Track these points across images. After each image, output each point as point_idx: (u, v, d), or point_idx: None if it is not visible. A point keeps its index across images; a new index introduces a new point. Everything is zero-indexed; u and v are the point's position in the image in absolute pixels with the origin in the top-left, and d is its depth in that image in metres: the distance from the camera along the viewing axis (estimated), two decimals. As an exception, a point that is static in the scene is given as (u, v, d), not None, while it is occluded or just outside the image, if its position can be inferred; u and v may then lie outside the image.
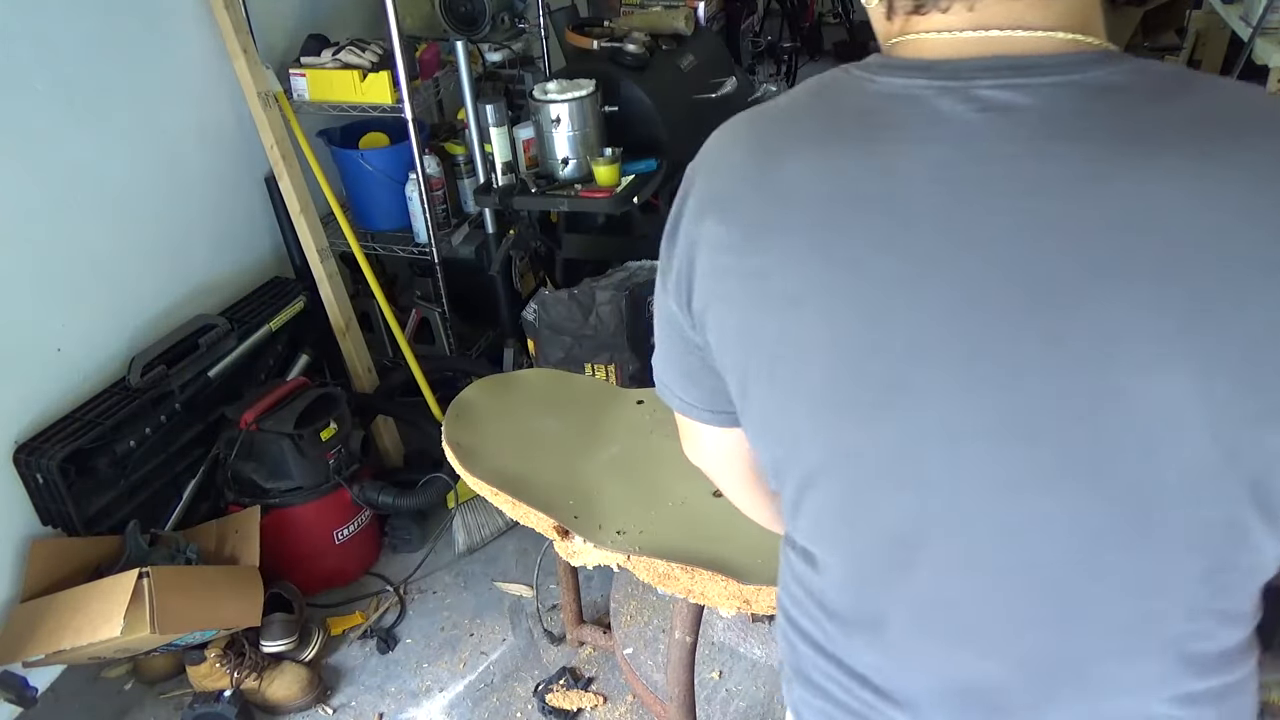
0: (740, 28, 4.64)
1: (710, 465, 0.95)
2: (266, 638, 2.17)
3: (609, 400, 1.92)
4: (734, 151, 0.72)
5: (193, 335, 2.39)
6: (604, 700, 2.09)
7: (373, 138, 2.89)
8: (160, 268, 2.43)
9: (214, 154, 2.56)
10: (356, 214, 2.90)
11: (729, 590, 1.43)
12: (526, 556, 2.51)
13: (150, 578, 1.92)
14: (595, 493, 1.63)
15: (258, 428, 2.26)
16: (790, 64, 5.58)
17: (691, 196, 0.74)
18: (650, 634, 2.04)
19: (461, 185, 2.90)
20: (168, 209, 2.44)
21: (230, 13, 2.43)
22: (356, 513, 2.43)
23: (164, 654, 2.14)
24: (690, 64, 2.97)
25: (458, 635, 2.31)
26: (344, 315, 2.72)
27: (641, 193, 2.55)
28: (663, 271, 0.78)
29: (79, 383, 2.21)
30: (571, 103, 2.52)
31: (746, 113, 0.75)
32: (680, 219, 0.74)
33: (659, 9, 3.20)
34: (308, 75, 2.63)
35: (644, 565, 1.48)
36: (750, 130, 0.72)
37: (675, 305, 0.78)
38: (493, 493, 1.63)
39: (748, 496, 0.96)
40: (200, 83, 2.49)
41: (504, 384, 1.97)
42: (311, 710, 2.13)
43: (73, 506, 2.08)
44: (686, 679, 1.67)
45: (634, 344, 2.63)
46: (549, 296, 2.64)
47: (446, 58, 2.84)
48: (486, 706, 2.11)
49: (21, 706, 1.97)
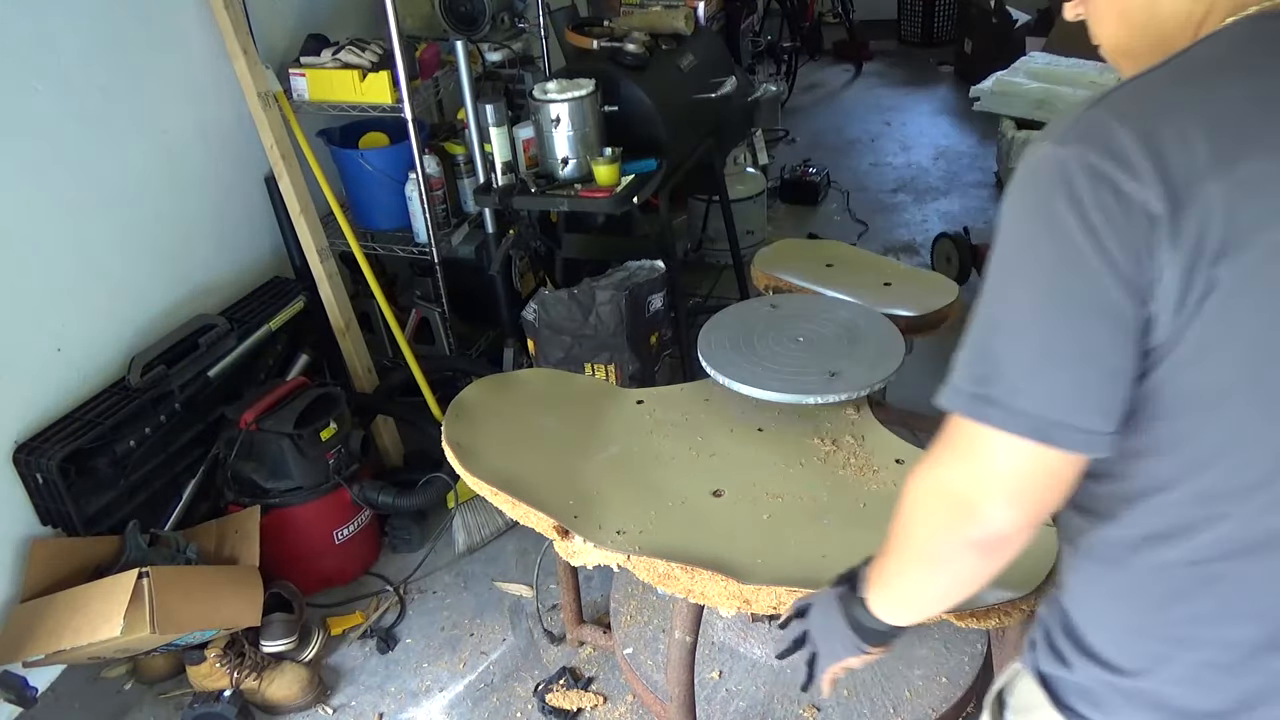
0: (740, 27, 4.64)
1: (1047, 501, 0.78)
2: (266, 638, 2.17)
3: (609, 400, 1.92)
4: (1218, 103, 0.70)
5: (193, 335, 2.39)
6: (604, 700, 2.09)
7: (373, 138, 2.89)
8: (160, 268, 2.43)
9: (214, 154, 2.56)
10: (356, 214, 2.90)
11: (729, 590, 1.43)
12: (526, 556, 2.51)
13: (150, 578, 1.92)
14: (595, 493, 1.63)
15: (258, 428, 2.25)
16: (790, 64, 5.58)
17: (1188, 152, 0.69)
18: (650, 634, 2.04)
19: (461, 185, 2.90)
20: (168, 209, 2.44)
21: (230, 13, 2.42)
22: (356, 512, 2.43)
23: (164, 654, 2.14)
24: (690, 64, 2.97)
25: (458, 635, 2.31)
26: (344, 315, 2.72)
27: (641, 192, 2.55)
28: (1098, 257, 0.71)
29: (79, 383, 2.21)
30: (571, 102, 2.52)
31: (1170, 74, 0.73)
32: (1184, 178, 0.69)
33: (659, 9, 3.19)
34: (308, 75, 2.62)
35: (644, 565, 1.48)
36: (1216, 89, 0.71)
37: (1127, 296, 0.71)
38: (493, 493, 1.63)
39: (1022, 544, 0.82)
40: (200, 83, 2.49)
41: (504, 384, 1.97)
42: (311, 710, 2.13)
43: (73, 506, 2.08)
44: (686, 679, 1.67)
45: (634, 344, 2.63)
46: (549, 296, 2.64)
47: (446, 58, 2.84)
48: (486, 706, 2.11)
49: (21, 706, 1.97)
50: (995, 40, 5.45)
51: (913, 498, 0.86)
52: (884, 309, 2.06)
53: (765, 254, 2.40)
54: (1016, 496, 0.77)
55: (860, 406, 1.85)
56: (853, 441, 1.76)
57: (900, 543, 0.90)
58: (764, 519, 1.57)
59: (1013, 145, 4.10)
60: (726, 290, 3.64)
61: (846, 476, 1.67)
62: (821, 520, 1.56)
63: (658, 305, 2.70)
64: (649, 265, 2.74)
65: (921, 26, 6.73)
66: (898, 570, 0.94)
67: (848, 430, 1.80)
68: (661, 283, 2.69)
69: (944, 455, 0.81)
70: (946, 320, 2.16)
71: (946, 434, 0.81)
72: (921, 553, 0.87)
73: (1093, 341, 0.73)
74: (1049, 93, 4.17)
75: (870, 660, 1.09)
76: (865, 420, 1.82)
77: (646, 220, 2.87)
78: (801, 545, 1.50)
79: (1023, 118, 4.24)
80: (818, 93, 6.06)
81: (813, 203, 4.50)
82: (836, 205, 4.49)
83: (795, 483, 1.66)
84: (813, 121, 5.57)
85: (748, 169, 4.00)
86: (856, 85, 6.19)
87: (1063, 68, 4.35)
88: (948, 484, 0.81)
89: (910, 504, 0.87)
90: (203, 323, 2.43)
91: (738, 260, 3.43)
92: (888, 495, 1.61)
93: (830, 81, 6.26)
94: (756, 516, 1.58)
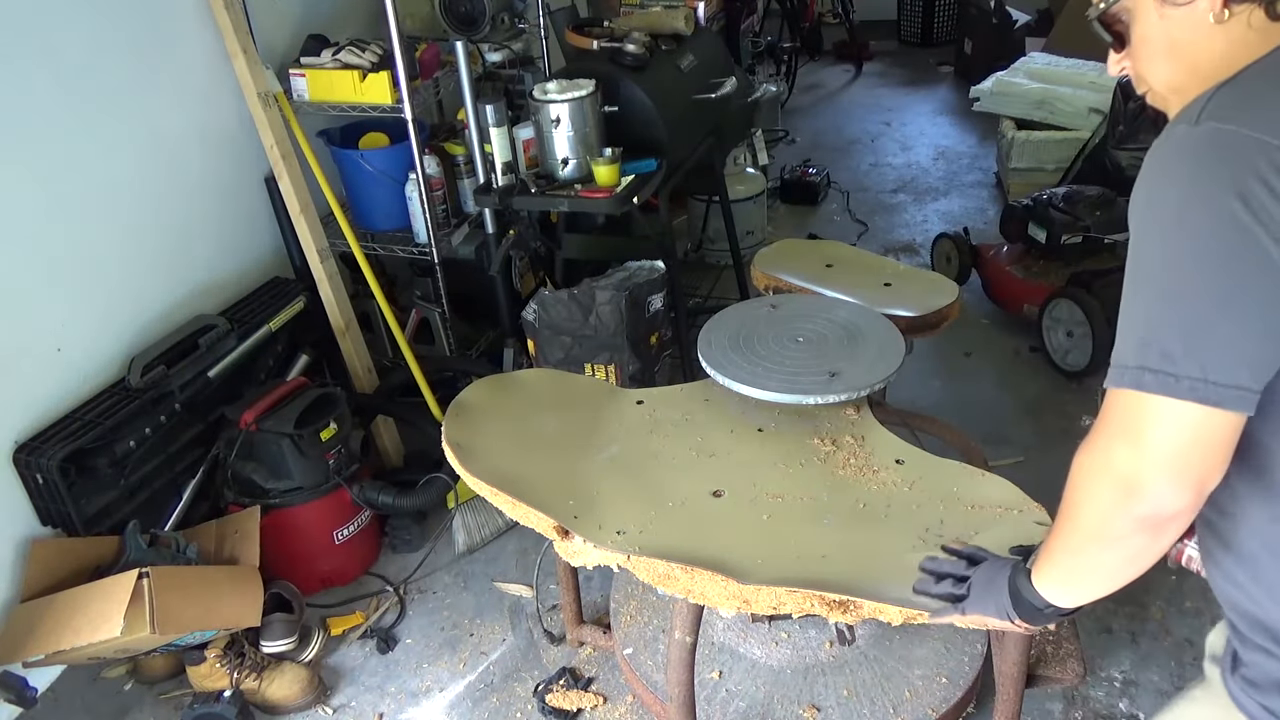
0: (740, 28, 4.64)
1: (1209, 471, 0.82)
2: (266, 638, 2.17)
3: (609, 400, 1.92)
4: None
5: (193, 335, 2.39)
6: (604, 700, 2.09)
7: (373, 138, 2.89)
8: (160, 268, 2.43)
9: (214, 154, 2.56)
10: (356, 214, 2.90)
11: (729, 590, 1.43)
12: (526, 556, 2.51)
13: (150, 578, 1.92)
14: (595, 493, 1.63)
15: (258, 428, 2.25)
16: (790, 64, 5.58)
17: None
18: (650, 634, 2.03)
19: (461, 185, 2.90)
20: (168, 209, 2.44)
21: (230, 13, 2.43)
22: (356, 513, 2.43)
23: (164, 654, 2.14)
24: (690, 64, 2.97)
25: (458, 635, 2.31)
26: (344, 315, 2.72)
27: (641, 193, 2.55)
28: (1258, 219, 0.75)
29: (79, 383, 2.22)
30: (571, 103, 2.52)
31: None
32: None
33: (659, 9, 3.19)
34: (308, 75, 2.63)
35: (644, 565, 1.48)
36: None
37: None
38: (493, 493, 1.63)
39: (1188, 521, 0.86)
40: (200, 83, 2.49)
41: (504, 384, 1.97)
42: (311, 710, 2.13)
43: (73, 506, 2.08)
44: (686, 679, 1.67)
45: (634, 344, 2.63)
46: (549, 296, 2.64)
47: (446, 58, 2.84)
48: (486, 706, 2.11)
49: (21, 706, 1.97)
50: (995, 40, 5.45)
51: (1079, 480, 0.89)
52: (884, 309, 2.06)
53: (765, 254, 2.40)
54: (1181, 471, 0.81)
55: (860, 406, 1.85)
56: (853, 441, 1.76)
57: (1069, 524, 0.93)
58: (764, 519, 1.57)
59: (1013, 145, 4.10)
60: (726, 290, 3.65)
61: (846, 476, 1.67)
62: (821, 520, 1.56)
63: (658, 305, 2.70)
64: (649, 265, 2.74)
65: (921, 26, 6.73)
66: (1066, 550, 0.97)
67: (848, 430, 1.80)
68: (661, 283, 2.69)
69: (1107, 434, 0.85)
70: (946, 320, 2.16)
71: (1107, 413, 0.85)
72: (1091, 533, 0.90)
73: (1251, 301, 0.77)
74: (1049, 93, 4.17)
75: (1015, 630, 1.14)
76: (865, 420, 1.82)
77: (646, 220, 2.87)
78: (801, 545, 1.50)
79: (1022, 118, 4.24)
80: (818, 93, 6.07)
81: (813, 203, 4.50)
82: (836, 205, 4.49)
83: (795, 483, 1.66)
84: (813, 121, 5.57)
85: (748, 169, 4.00)
86: (856, 85, 6.19)
87: (1062, 68, 4.35)
88: (1113, 464, 0.84)
89: (1077, 486, 0.90)
90: (203, 323, 2.43)
91: (738, 260, 3.43)
92: (888, 495, 1.61)
93: (830, 81, 6.26)
94: (756, 516, 1.58)
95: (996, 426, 2.84)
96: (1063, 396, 2.97)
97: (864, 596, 1.35)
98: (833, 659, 1.90)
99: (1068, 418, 2.83)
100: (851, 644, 1.91)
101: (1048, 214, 3.18)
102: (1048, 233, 3.16)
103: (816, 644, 1.92)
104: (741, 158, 3.98)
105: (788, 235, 4.17)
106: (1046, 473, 2.69)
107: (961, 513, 1.55)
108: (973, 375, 3.16)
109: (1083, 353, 2.96)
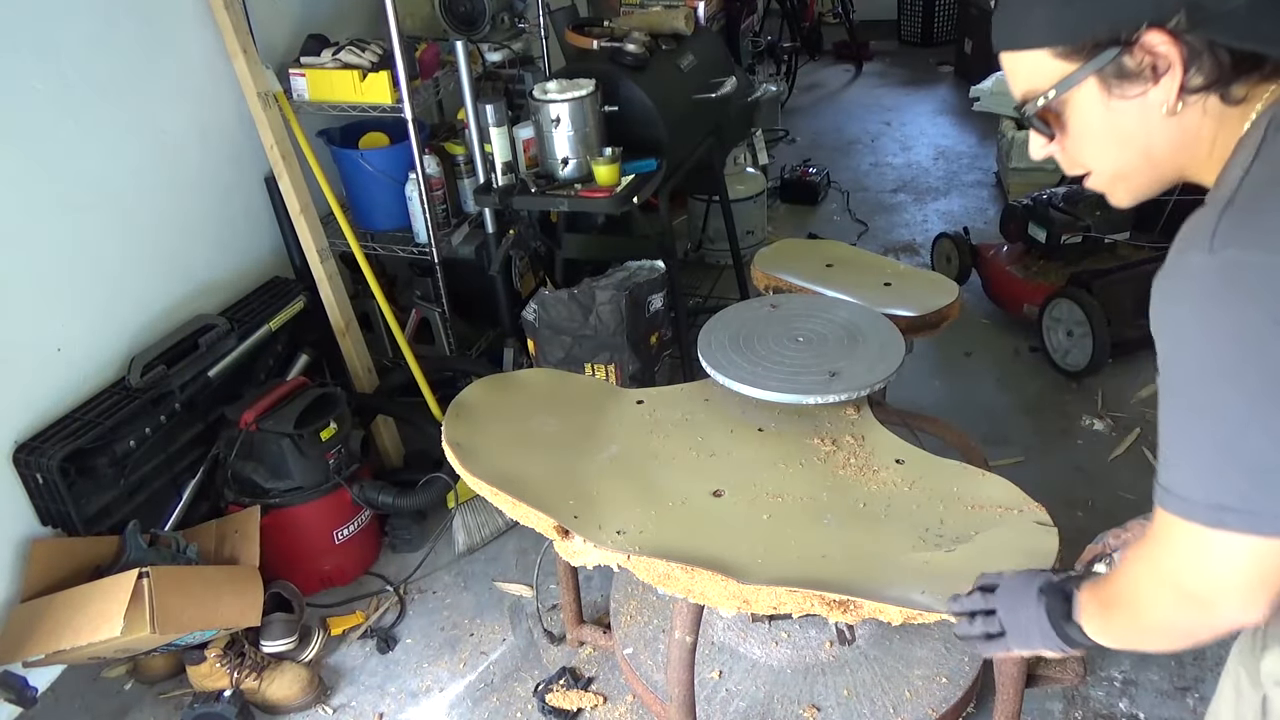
0: (740, 28, 4.64)
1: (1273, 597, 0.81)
2: (266, 638, 2.17)
3: (609, 400, 1.92)
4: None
5: (193, 335, 2.39)
6: (604, 700, 2.09)
7: (373, 138, 2.89)
8: (160, 268, 2.43)
9: (214, 154, 2.56)
10: (356, 214, 2.90)
11: (729, 590, 1.43)
12: (526, 556, 2.51)
13: (150, 578, 1.92)
14: (595, 493, 1.63)
15: (258, 428, 2.25)
16: (790, 64, 5.58)
17: None
18: (650, 634, 2.04)
19: (461, 185, 2.90)
20: (168, 209, 2.44)
21: (230, 13, 2.43)
22: (356, 512, 2.43)
23: (164, 654, 2.14)
24: (690, 64, 2.97)
25: (458, 635, 2.31)
26: (344, 315, 2.72)
27: (641, 193, 2.55)
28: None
29: (79, 383, 2.22)
30: (571, 103, 2.52)
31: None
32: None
33: (659, 9, 3.19)
34: (308, 75, 2.63)
35: (644, 565, 1.48)
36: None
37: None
38: (493, 493, 1.63)
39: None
40: (200, 83, 2.49)
41: (504, 384, 1.97)
42: (311, 710, 2.13)
43: (72, 506, 2.08)
44: (686, 679, 1.67)
45: (634, 344, 2.63)
46: (549, 296, 2.64)
47: (446, 58, 2.84)
48: (486, 706, 2.11)
49: (21, 706, 1.98)
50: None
51: (1141, 587, 0.89)
52: (884, 309, 2.06)
53: (765, 254, 2.40)
54: (1257, 592, 0.79)
55: (860, 406, 1.85)
56: (853, 441, 1.76)
57: (1131, 619, 0.93)
58: (764, 519, 1.57)
59: (1013, 145, 4.10)
60: (726, 290, 3.65)
61: (846, 476, 1.67)
62: (821, 520, 1.56)
63: (658, 305, 2.70)
64: (649, 265, 2.74)
65: (921, 26, 6.73)
66: (1127, 633, 0.97)
67: (848, 430, 1.80)
68: (661, 283, 2.69)
69: (1171, 554, 0.83)
70: (946, 320, 2.16)
71: (1167, 532, 0.83)
72: (1158, 631, 0.91)
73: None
74: (1049, 93, 4.16)
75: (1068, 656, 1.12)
76: (865, 420, 1.82)
77: (646, 220, 2.87)
78: (801, 545, 1.50)
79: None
80: (818, 93, 6.07)
81: (813, 203, 4.50)
82: (836, 205, 4.49)
83: (795, 483, 1.66)
84: (813, 121, 5.57)
85: (748, 169, 4.00)
86: (856, 85, 6.19)
87: (1063, 68, 4.34)
88: (1180, 582, 0.83)
89: (1139, 592, 0.90)
90: (203, 323, 2.43)
91: (738, 260, 3.43)
92: (888, 495, 1.61)
93: (830, 81, 6.26)
94: (756, 516, 1.58)
95: (996, 426, 2.84)
96: (1063, 396, 2.97)
97: (864, 596, 1.35)
98: (833, 659, 1.90)
99: (1068, 418, 2.83)
100: (851, 644, 1.91)
101: (1048, 214, 3.18)
102: (1048, 232, 3.16)
103: (816, 644, 1.92)
104: (741, 157, 3.98)
105: (788, 235, 4.17)
106: (1046, 473, 2.71)
107: (961, 513, 1.55)
108: (973, 375, 3.16)
109: (1083, 352, 2.96)
